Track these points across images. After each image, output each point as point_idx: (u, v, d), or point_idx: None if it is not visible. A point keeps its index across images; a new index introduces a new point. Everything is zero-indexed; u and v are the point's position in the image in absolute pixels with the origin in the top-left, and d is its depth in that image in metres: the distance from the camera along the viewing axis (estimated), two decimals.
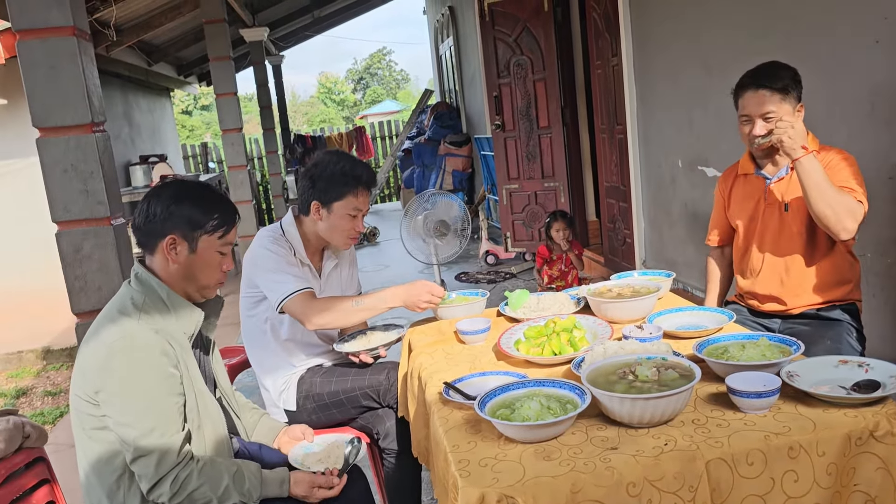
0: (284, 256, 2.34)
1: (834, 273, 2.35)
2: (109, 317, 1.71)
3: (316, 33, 13.63)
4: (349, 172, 2.34)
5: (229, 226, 1.79)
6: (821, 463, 1.41)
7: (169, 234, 1.73)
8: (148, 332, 1.67)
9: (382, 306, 2.30)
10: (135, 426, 1.62)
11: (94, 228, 2.52)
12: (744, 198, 2.48)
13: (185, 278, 1.77)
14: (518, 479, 1.36)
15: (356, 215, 2.38)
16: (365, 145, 12.96)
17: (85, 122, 2.48)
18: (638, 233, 5.34)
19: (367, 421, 2.43)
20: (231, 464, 1.76)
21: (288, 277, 2.29)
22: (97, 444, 1.70)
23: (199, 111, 36.15)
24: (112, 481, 1.70)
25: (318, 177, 2.35)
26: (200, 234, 1.74)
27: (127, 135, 8.16)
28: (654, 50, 4.74)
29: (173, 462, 1.64)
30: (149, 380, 1.64)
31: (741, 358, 1.68)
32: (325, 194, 2.34)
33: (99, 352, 1.65)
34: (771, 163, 2.39)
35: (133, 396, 1.63)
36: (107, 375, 1.63)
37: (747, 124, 2.31)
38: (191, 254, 1.75)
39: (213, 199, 1.78)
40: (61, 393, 5.13)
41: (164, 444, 1.63)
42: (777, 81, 2.25)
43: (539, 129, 6.77)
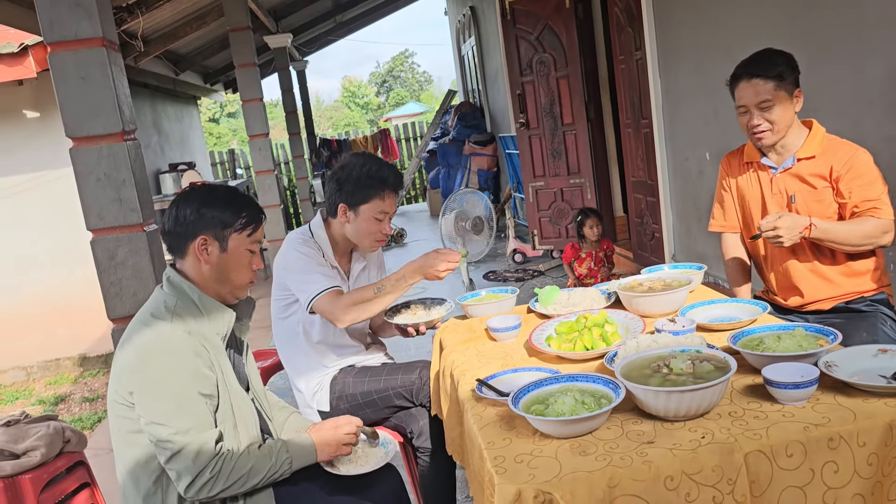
0: (314, 257, 2.36)
1: (856, 262, 2.29)
2: (143, 321, 1.74)
3: (338, 38, 13.73)
4: (375, 175, 2.34)
5: (257, 223, 1.83)
6: (861, 453, 1.39)
7: (200, 235, 1.76)
8: (181, 333, 1.69)
9: (404, 285, 2.29)
10: (169, 424, 1.64)
11: (127, 235, 2.56)
12: (750, 187, 2.43)
13: (217, 280, 1.80)
14: (554, 474, 1.36)
15: (382, 218, 2.38)
16: (390, 147, 13.02)
17: (116, 131, 2.52)
18: (666, 227, 5.29)
19: (400, 420, 2.44)
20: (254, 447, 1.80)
21: (317, 277, 2.31)
22: (134, 448, 1.73)
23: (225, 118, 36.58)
24: (150, 484, 1.73)
25: (344, 179, 2.36)
26: (231, 233, 1.78)
27: (156, 143, 8.29)
28: (678, 42, 4.70)
29: (210, 456, 1.67)
30: (181, 379, 1.66)
31: (777, 349, 1.66)
32: (352, 197, 2.35)
33: (133, 354, 1.69)
34: (776, 152, 2.34)
35: (166, 396, 1.65)
36: (140, 376, 1.66)
37: (745, 115, 2.28)
38: (222, 253, 1.78)
39: (239, 200, 1.83)
40: (98, 399, 5.22)
41: (200, 441, 1.66)
42: (771, 69, 2.21)
43: (563, 125, 6.74)
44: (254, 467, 1.73)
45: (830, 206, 2.26)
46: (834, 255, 2.29)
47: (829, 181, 2.25)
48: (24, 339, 5.98)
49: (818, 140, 2.28)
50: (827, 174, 2.24)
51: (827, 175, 2.24)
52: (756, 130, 2.25)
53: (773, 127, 2.23)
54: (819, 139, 2.28)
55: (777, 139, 2.27)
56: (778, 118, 2.22)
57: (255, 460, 1.74)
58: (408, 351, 4.85)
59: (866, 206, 2.20)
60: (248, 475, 1.72)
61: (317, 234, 2.44)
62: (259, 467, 1.74)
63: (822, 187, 2.26)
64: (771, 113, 2.22)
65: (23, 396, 5.55)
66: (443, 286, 6.58)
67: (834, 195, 2.25)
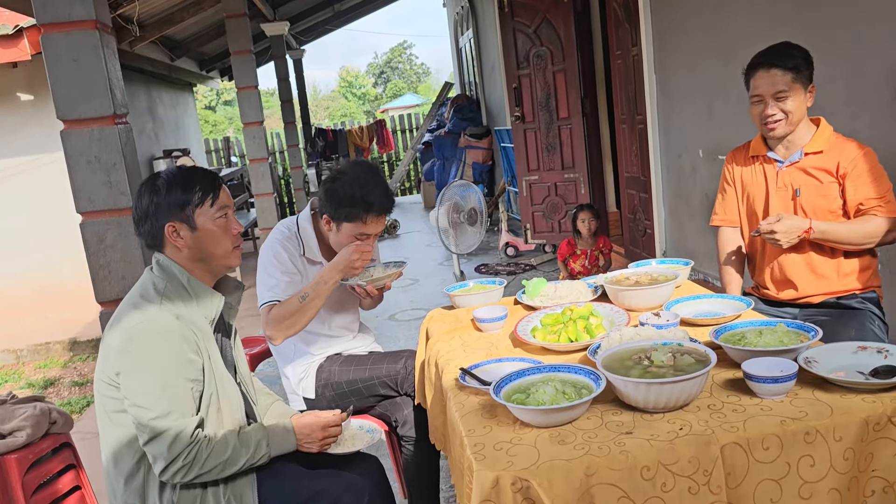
0: (284, 261, 2.35)
1: (851, 259, 2.32)
2: (132, 302, 1.75)
3: (336, 27, 13.68)
4: (361, 199, 2.26)
5: (216, 191, 1.80)
6: (838, 448, 1.40)
7: (166, 224, 1.76)
8: (169, 316, 1.70)
9: (325, 287, 2.25)
10: (151, 408, 1.65)
11: (116, 219, 2.56)
12: (755, 181, 2.44)
13: (201, 259, 1.80)
14: (533, 462, 1.37)
15: (363, 240, 2.32)
16: (385, 138, 13.00)
17: (107, 114, 2.52)
18: (658, 223, 5.31)
19: (385, 409, 2.45)
20: (232, 431, 1.79)
21: (272, 283, 2.31)
22: (118, 428, 1.74)
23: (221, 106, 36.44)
24: (132, 464, 1.74)
25: (332, 192, 2.29)
26: (193, 210, 1.77)
27: (151, 129, 8.26)
28: (674, 39, 4.70)
29: (185, 444, 1.67)
30: (167, 363, 1.67)
31: (758, 344, 1.67)
32: (336, 212, 2.30)
33: (121, 336, 1.69)
34: (783, 146, 2.36)
35: (151, 379, 1.66)
36: (126, 357, 1.67)
37: (759, 104, 2.29)
38: (194, 232, 1.77)
39: (188, 176, 1.80)
40: (88, 383, 5.22)
41: (179, 426, 1.67)
42: (789, 60, 2.23)
43: (559, 120, 6.74)
44: (230, 458, 1.73)
45: (835, 201, 2.28)
46: (831, 251, 2.32)
47: (836, 177, 2.27)
48: (15, 322, 5.97)
49: (826, 136, 2.30)
50: (833, 170, 2.27)
51: (833, 171, 2.27)
52: (770, 121, 2.27)
53: (787, 118, 2.26)
54: (827, 136, 2.30)
55: (789, 131, 2.29)
56: (792, 109, 2.25)
57: (232, 451, 1.74)
58: (396, 341, 4.86)
59: (871, 203, 2.23)
60: (225, 464, 1.73)
61: (303, 227, 2.43)
62: (235, 457, 1.74)
63: (827, 182, 2.28)
64: (786, 104, 2.24)
65: (12, 380, 5.54)
66: (434, 277, 6.59)
67: (839, 192, 2.27)
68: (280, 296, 2.31)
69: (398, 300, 5.87)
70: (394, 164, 14.23)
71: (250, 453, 1.76)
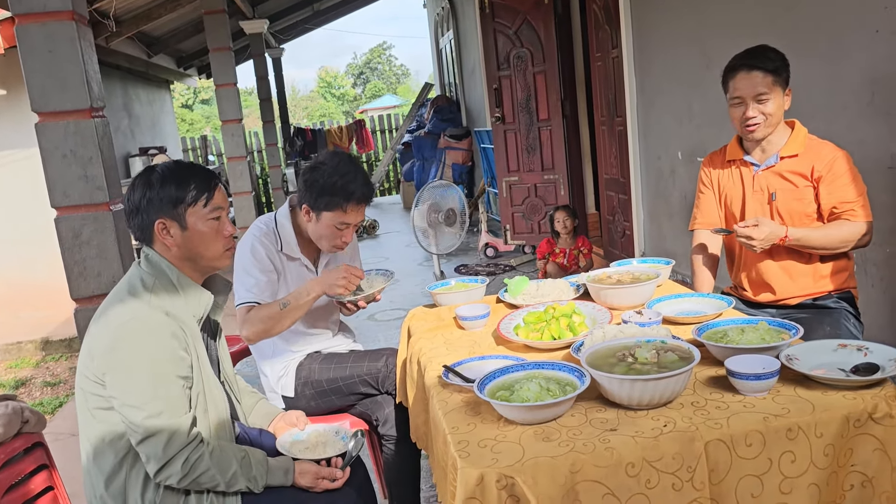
0: (261, 259, 2.32)
1: (827, 262, 2.34)
2: (119, 297, 1.70)
3: (316, 26, 13.63)
4: (341, 188, 2.25)
5: (210, 191, 1.75)
6: (819, 444, 1.41)
7: (157, 220, 1.72)
8: (158, 313, 1.66)
9: (306, 299, 2.24)
10: (143, 407, 1.61)
11: (93, 214, 2.51)
12: (732, 185, 2.46)
13: (189, 258, 1.76)
14: (517, 459, 1.36)
15: (343, 228, 2.31)
16: (365, 139, 12.96)
17: (84, 108, 2.47)
18: (637, 225, 5.34)
19: (365, 407, 2.43)
20: (238, 450, 1.76)
21: (249, 283, 2.28)
22: (101, 424, 1.70)
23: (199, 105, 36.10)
24: (114, 462, 1.70)
25: (312, 182, 2.28)
26: (185, 209, 1.73)
27: (127, 126, 8.15)
28: (654, 41, 4.73)
29: (183, 443, 1.64)
30: (158, 361, 1.64)
31: (740, 342, 1.68)
32: (315, 201, 2.28)
33: (108, 333, 1.65)
34: (760, 150, 2.37)
35: (141, 378, 1.62)
36: (115, 356, 1.63)
37: (739, 106, 2.30)
38: (184, 231, 1.73)
39: (184, 172, 1.75)
40: (61, 383, 5.13)
41: (173, 425, 1.63)
42: (769, 63, 2.25)
43: (539, 121, 6.76)
44: (229, 480, 1.69)
45: (810, 204, 2.30)
46: (808, 256, 2.34)
47: (810, 180, 2.29)
48: None
49: (801, 139, 2.32)
50: (808, 173, 2.28)
51: (808, 174, 2.28)
52: (750, 123, 2.28)
53: (767, 120, 2.27)
54: (802, 138, 2.32)
55: (768, 133, 2.30)
56: (772, 112, 2.26)
57: (232, 475, 1.70)
58: (376, 342, 4.84)
59: (844, 207, 2.25)
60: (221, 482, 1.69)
61: (281, 223, 2.40)
62: (233, 481, 1.70)
63: (802, 186, 2.30)
64: (766, 106, 2.25)
65: None
66: (414, 277, 6.58)
67: (814, 195, 2.29)
68: (259, 296, 2.28)
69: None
70: (373, 165, 14.19)
71: (247, 483, 1.72)
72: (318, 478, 1.83)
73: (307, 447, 1.99)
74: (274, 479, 1.78)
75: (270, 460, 1.80)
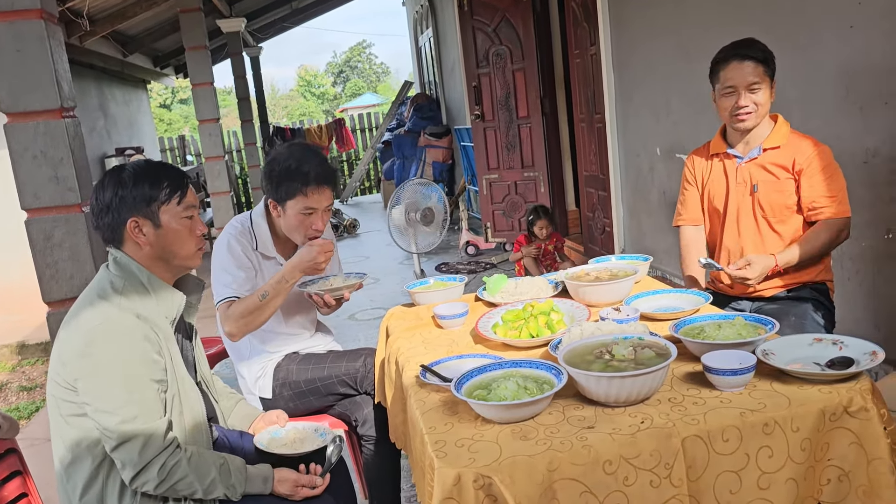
0: (238, 257, 2.30)
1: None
2: (88, 301, 1.67)
3: (294, 25, 13.54)
4: (295, 171, 2.23)
5: (183, 189, 1.75)
6: (795, 438, 1.42)
7: (129, 219, 1.69)
8: (129, 316, 1.63)
9: (286, 286, 2.21)
10: (117, 413, 1.58)
11: (64, 216, 2.47)
12: (715, 178, 2.48)
13: (162, 258, 1.74)
14: (495, 458, 1.35)
15: (310, 213, 2.28)
16: (345, 137, 12.91)
17: (54, 108, 2.43)
18: (617, 221, 5.36)
19: (344, 408, 2.41)
20: (217, 457, 1.73)
21: (228, 280, 2.26)
22: (75, 431, 1.66)
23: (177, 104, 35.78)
24: (91, 469, 1.67)
25: (270, 175, 2.27)
26: (159, 207, 1.71)
27: (102, 127, 8.05)
28: (632, 38, 4.75)
29: (159, 448, 1.61)
30: (130, 365, 1.61)
31: (717, 337, 1.69)
32: (277, 193, 2.27)
33: (78, 337, 1.62)
34: (744, 142, 2.39)
35: (114, 382, 1.59)
36: (86, 361, 1.60)
37: (731, 96, 2.31)
38: (158, 229, 1.71)
39: (156, 170, 1.74)
40: (37, 388, 5.05)
41: (148, 429, 1.60)
42: (759, 53, 2.28)
43: (518, 119, 6.76)
44: (207, 487, 1.67)
45: (790, 197, 2.32)
46: (784, 240, 2.37)
47: (792, 173, 2.31)
48: None
49: (784, 132, 2.35)
50: (790, 166, 2.31)
51: (790, 167, 2.31)
52: (741, 112, 2.29)
53: (758, 110, 2.29)
54: (785, 132, 2.35)
55: (756, 123, 2.32)
56: (763, 102, 2.29)
57: (210, 482, 1.67)
58: (356, 341, 4.81)
59: (824, 202, 2.28)
60: (199, 490, 1.66)
61: (256, 222, 2.38)
62: (211, 488, 1.68)
63: (784, 178, 2.32)
64: (757, 95, 2.28)
65: None
66: (394, 276, 6.56)
67: (795, 188, 2.32)
68: (238, 291, 2.26)
69: (358, 299, 5.81)
70: (353, 164, 14.14)
71: (226, 491, 1.70)
72: (297, 485, 1.81)
73: (284, 444, 1.98)
74: (253, 486, 1.76)
75: (250, 468, 1.78)
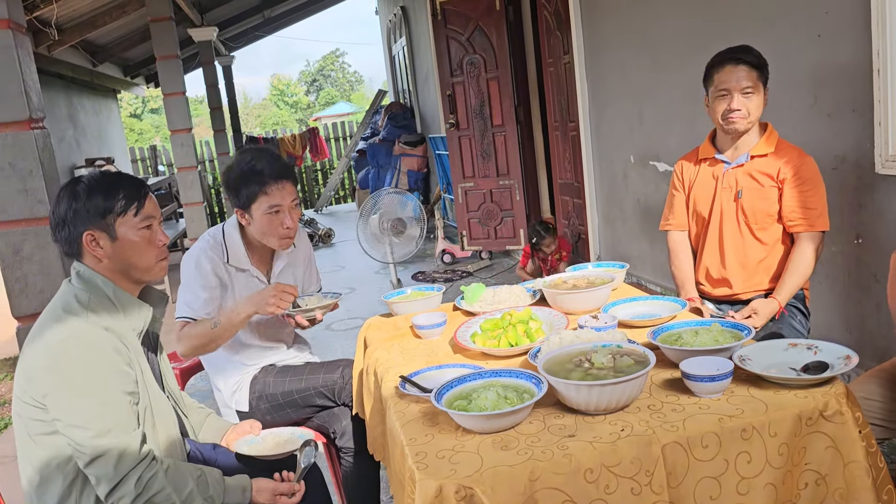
0: (206, 276, 2.28)
1: (784, 261, 2.40)
2: (54, 316, 1.63)
3: (267, 34, 13.46)
4: (250, 171, 2.23)
5: (140, 200, 1.71)
6: (773, 443, 1.43)
7: (84, 232, 1.66)
8: (98, 329, 1.60)
9: (237, 319, 2.21)
10: (89, 427, 1.55)
11: (34, 229, 2.43)
12: (702, 182, 2.51)
13: (121, 270, 1.71)
14: (476, 469, 1.34)
15: (276, 211, 2.26)
16: (319, 147, 12.85)
17: (22, 119, 2.39)
18: (592, 228, 5.39)
19: (323, 420, 2.39)
20: (195, 469, 1.70)
21: (190, 299, 2.26)
22: (44, 450, 1.62)
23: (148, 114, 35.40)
24: (63, 487, 1.63)
25: (228, 183, 2.27)
26: (114, 219, 1.67)
27: (72, 137, 7.94)
28: (605, 47, 4.79)
29: (134, 461, 1.58)
30: (101, 378, 1.57)
31: (694, 344, 1.70)
32: (239, 199, 2.25)
33: (45, 353, 1.58)
34: (733, 147, 2.43)
35: (85, 396, 1.56)
36: (55, 377, 1.56)
37: (724, 98, 2.33)
38: (114, 242, 1.68)
39: (111, 182, 1.70)
40: (6, 404, 4.94)
41: (122, 443, 1.57)
42: (754, 58, 2.32)
43: (493, 127, 6.79)
44: (184, 500, 1.63)
45: (773, 205, 2.36)
46: (765, 254, 2.41)
47: (776, 181, 2.35)
48: None
49: (773, 141, 2.38)
50: (775, 174, 2.35)
51: (774, 175, 2.35)
52: (734, 116, 2.32)
53: (749, 115, 2.32)
54: (773, 140, 2.39)
55: (747, 128, 2.35)
56: (754, 107, 2.32)
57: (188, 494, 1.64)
58: (333, 352, 4.78)
59: (802, 214, 2.32)
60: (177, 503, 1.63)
61: (229, 234, 2.36)
62: (189, 501, 1.64)
63: (768, 186, 2.36)
64: (750, 100, 2.30)
65: None
66: (371, 286, 6.53)
67: (778, 196, 2.35)
68: (197, 312, 2.25)
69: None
70: (328, 173, 14.08)
71: (204, 502, 1.67)
72: (276, 494, 1.79)
73: (265, 449, 1.96)
74: (231, 497, 1.73)
75: (227, 479, 1.75)
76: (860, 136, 2.76)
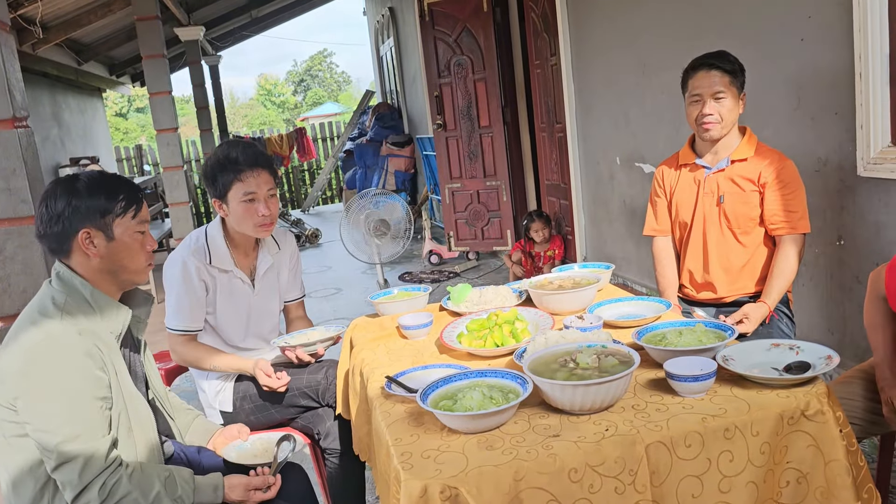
0: (189, 280, 2.29)
1: (767, 264, 2.42)
2: (30, 319, 1.62)
3: (254, 33, 13.41)
4: (224, 160, 2.27)
5: (139, 203, 1.73)
6: (755, 442, 1.44)
7: (81, 229, 1.65)
8: (71, 333, 1.59)
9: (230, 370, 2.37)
10: (57, 432, 1.54)
11: (17, 228, 2.41)
12: (683, 188, 2.53)
13: (111, 271, 1.70)
14: (461, 469, 1.35)
15: (252, 199, 2.27)
16: (306, 147, 12.81)
17: (6, 117, 2.37)
18: (579, 229, 5.42)
19: (307, 421, 2.39)
20: (163, 469, 1.69)
21: (178, 306, 2.31)
22: (19, 453, 1.61)
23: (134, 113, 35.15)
24: (35, 491, 1.62)
25: (205, 174, 2.32)
26: (113, 220, 1.68)
27: (56, 136, 7.87)
28: (592, 49, 4.81)
29: (100, 468, 1.57)
30: (72, 383, 1.56)
31: (678, 344, 1.71)
32: (215, 189, 2.29)
33: (19, 355, 1.57)
34: (712, 152, 2.45)
35: (55, 401, 1.55)
36: (26, 380, 1.55)
37: (697, 104, 2.36)
38: (110, 242, 1.68)
39: (112, 182, 1.71)
40: None
41: (89, 449, 1.56)
42: (727, 64, 2.34)
43: (480, 128, 6.80)
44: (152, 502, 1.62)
45: (755, 209, 2.38)
46: (748, 258, 2.43)
47: (757, 185, 2.37)
48: None
49: (752, 145, 2.40)
50: (755, 178, 2.36)
51: (755, 179, 2.37)
52: (707, 121, 2.34)
53: (723, 121, 2.34)
54: (753, 144, 2.41)
55: (722, 133, 2.37)
56: (727, 112, 2.34)
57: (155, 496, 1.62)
58: None
59: (784, 217, 2.33)
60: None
61: (211, 235, 2.36)
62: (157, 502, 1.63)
63: (749, 190, 2.38)
64: (722, 105, 2.33)
65: None
66: (357, 286, 6.52)
67: (759, 200, 2.37)
68: (187, 322, 2.31)
69: (321, 309, 5.77)
70: (315, 173, 14.05)
71: (173, 502, 1.65)
72: (249, 489, 1.78)
73: (255, 454, 1.95)
74: (202, 496, 1.72)
75: (198, 478, 1.74)
76: (842, 139, 2.79)
